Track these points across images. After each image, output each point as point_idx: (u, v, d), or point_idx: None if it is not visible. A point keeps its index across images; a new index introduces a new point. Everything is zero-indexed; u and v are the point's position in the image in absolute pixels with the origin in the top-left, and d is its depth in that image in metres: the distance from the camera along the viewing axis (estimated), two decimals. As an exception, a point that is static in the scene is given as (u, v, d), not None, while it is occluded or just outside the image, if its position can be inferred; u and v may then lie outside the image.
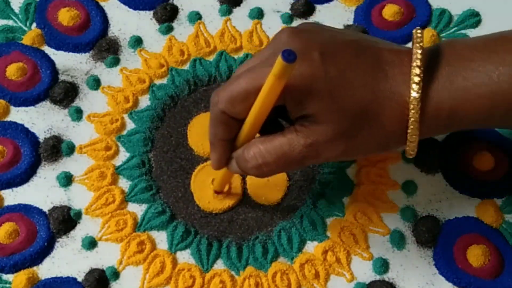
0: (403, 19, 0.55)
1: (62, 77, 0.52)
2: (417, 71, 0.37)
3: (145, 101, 0.52)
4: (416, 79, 0.37)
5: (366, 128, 0.38)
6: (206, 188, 0.48)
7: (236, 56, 0.54)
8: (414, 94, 0.37)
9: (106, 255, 0.46)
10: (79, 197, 0.48)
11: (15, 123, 0.50)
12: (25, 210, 0.47)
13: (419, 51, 0.38)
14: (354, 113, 0.37)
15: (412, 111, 0.37)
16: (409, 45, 0.41)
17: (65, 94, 0.51)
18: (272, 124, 0.41)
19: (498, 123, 0.41)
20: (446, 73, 0.38)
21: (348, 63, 0.38)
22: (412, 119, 0.37)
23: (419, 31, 0.39)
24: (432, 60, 0.38)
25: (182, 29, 0.55)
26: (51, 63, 0.53)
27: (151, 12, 0.56)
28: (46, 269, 0.45)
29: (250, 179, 0.48)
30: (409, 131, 0.38)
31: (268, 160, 0.39)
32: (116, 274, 0.45)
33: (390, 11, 0.55)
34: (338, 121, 0.37)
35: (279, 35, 0.39)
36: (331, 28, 0.41)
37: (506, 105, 0.37)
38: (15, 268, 0.45)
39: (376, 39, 0.41)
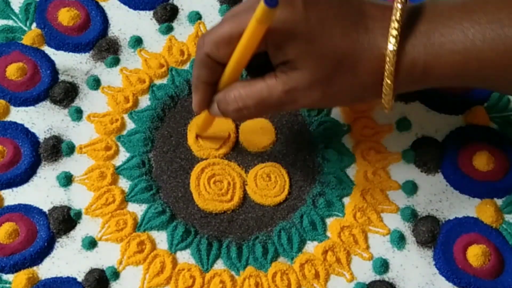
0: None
1: (62, 77, 0.52)
2: (396, 24, 0.38)
3: (145, 101, 0.52)
4: (394, 32, 0.38)
5: (343, 77, 0.39)
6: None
7: (236, 56, 0.54)
8: (390, 47, 0.38)
9: (106, 255, 0.46)
10: (79, 197, 0.48)
11: (15, 123, 0.50)
12: (25, 210, 0.47)
13: (399, 6, 0.39)
14: (332, 60, 0.38)
15: (388, 64, 0.38)
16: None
17: (65, 94, 0.51)
18: (267, 68, 0.41)
19: (471, 81, 0.41)
20: (424, 29, 0.39)
21: (330, 12, 0.39)
22: (387, 72, 0.38)
23: None
24: (413, 16, 0.39)
25: (182, 29, 0.55)
26: (51, 63, 0.53)
27: (151, 12, 0.56)
28: (46, 269, 0.45)
29: (251, 181, 0.48)
30: (384, 83, 0.39)
31: (248, 103, 0.40)
32: (116, 274, 0.45)
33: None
34: (316, 67, 0.38)
35: None
36: None
37: (478, 63, 0.38)
38: (15, 268, 0.45)
39: None
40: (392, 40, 0.38)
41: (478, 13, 0.38)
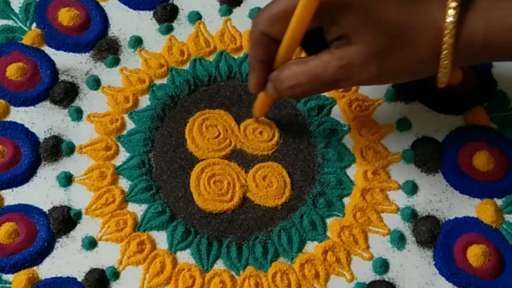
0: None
1: (62, 77, 0.52)
2: None
3: (145, 101, 0.52)
4: (453, 4, 0.38)
5: (400, 51, 0.38)
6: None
7: (236, 56, 0.54)
8: (450, 19, 0.38)
9: (106, 255, 0.46)
10: (79, 197, 0.48)
11: (15, 123, 0.50)
12: (25, 210, 0.47)
13: None
14: (389, 33, 0.38)
15: (447, 37, 0.38)
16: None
17: (65, 94, 0.51)
18: (323, 47, 0.41)
19: None
20: (484, 3, 0.38)
21: None
22: (446, 45, 0.38)
23: None
24: None
25: (182, 29, 0.55)
26: (51, 63, 0.53)
27: (151, 12, 0.56)
28: (46, 269, 0.45)
29: (250, 181, 0.48)
30: (442, 56, 0.39)
31: (302, 81, 0.40)
32: (116, 274, 0.45)
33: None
34: (372, 40, 0.38)
35: None
36: None
37: None
38: (15, 268, 0.45)
39: None
40: (451, 12, 0.38)
41: None
